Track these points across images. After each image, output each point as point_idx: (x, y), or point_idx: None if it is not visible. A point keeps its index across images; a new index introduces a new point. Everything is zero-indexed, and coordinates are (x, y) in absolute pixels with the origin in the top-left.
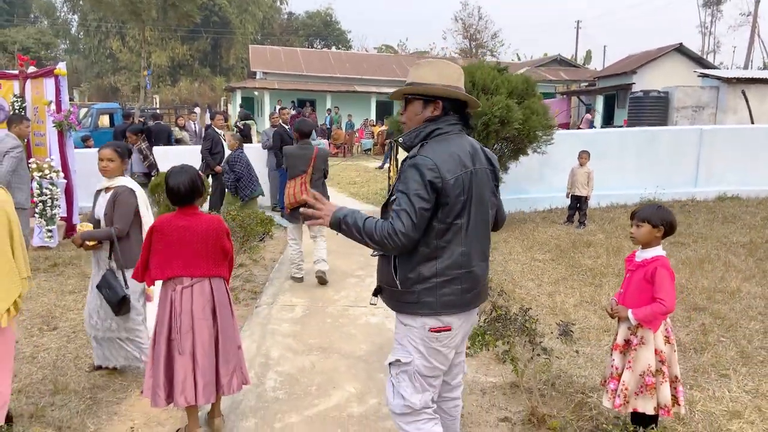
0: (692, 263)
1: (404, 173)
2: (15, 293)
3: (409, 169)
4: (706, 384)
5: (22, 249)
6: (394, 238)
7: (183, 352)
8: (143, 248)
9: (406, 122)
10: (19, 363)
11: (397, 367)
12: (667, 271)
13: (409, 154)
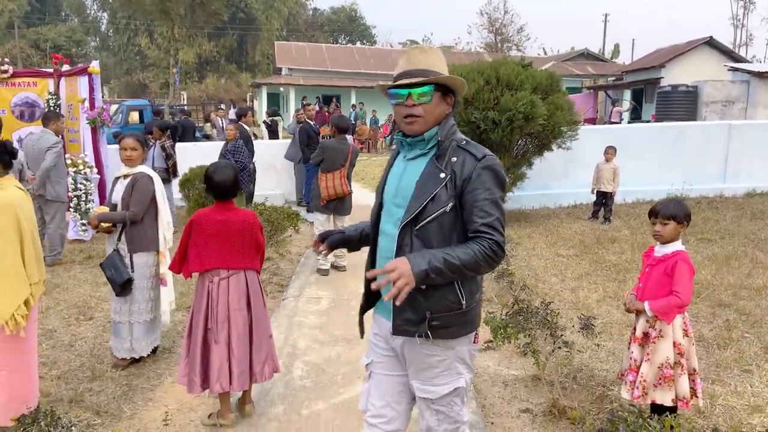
0: (719, 260)
1: (480, 177)
2: (21, 297)
3: (486, 171)
4: (729, 379)
5: (35, 252)
6: (500, 254)
7: (219, 341)
8: (182, 241)
9: (423, 115)
10: (58, 351)
11: (452, 395)
12: (687, 266)
13: (463, 155)
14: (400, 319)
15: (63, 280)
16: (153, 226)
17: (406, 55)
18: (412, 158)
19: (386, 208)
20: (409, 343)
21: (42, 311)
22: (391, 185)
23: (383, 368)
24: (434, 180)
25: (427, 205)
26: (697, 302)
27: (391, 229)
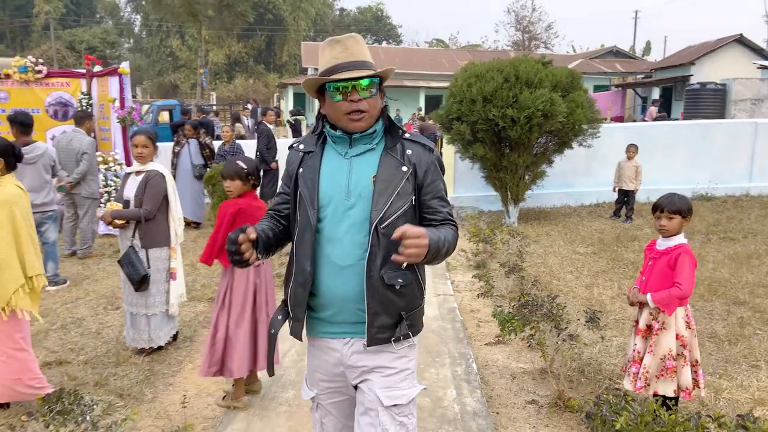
0: (739, 258)
1: (435, 168)
2: (11, 288)
3: (436, 162)
4: (736, 374)
5: (33, 246)
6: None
7: (240, 327)
8: (223, 231)
9: (368, 111)
10: (85, 338)
11: (413, 402)
12: (690, 258)
13: (417, 147)
14: (374, 327)
15: (92, 272)
16: (165, 222)
17: (340, 45)
18: (356, 155)
19: (333, 211)
20: (374, 353)
21: (72, 301)
22: (333, 186)
23: (330, 398)
24: (398, 173)
25: (394, 200)
26: (713, 300)
27: (347, 235)
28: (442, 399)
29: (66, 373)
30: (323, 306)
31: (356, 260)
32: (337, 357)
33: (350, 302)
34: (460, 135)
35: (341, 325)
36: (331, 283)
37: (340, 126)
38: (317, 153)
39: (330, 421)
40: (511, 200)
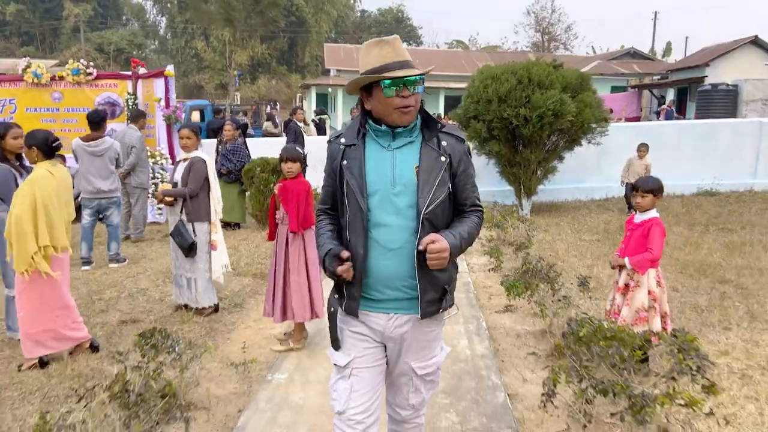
0: (734, 246)
1: (466, 157)
2: (31, 252)
3: (467, 152)
4: (708, 333)
5: (46, 220)
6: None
7: (299, 279)
8: (300, 204)
9: (415, 105)
10: (151, 304)
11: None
12: (660, 228)
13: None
14: (424, 302)
15: (147, 253)
16: (206, 200)
17: (388, 45)
18: (398, 147)
19: (380, 199)
20: (415, 327)
21: (133, 276)
22: (379, 176)
23: (366, 362)
24: (437, 164)
25: (436, 188)
26: (701, 279)
27: (394, 220)
28: (456, 346)
29: (141, 329)
30: (369, 285)
31: (403, 243)
32: (380, 330)
33: (396, 280)
34: (477, 133)
35: (386, 302)
36: (379, 264)
37: (388, 120)
38: (359, 146)
39: (361, 390)
40: (524, 194)
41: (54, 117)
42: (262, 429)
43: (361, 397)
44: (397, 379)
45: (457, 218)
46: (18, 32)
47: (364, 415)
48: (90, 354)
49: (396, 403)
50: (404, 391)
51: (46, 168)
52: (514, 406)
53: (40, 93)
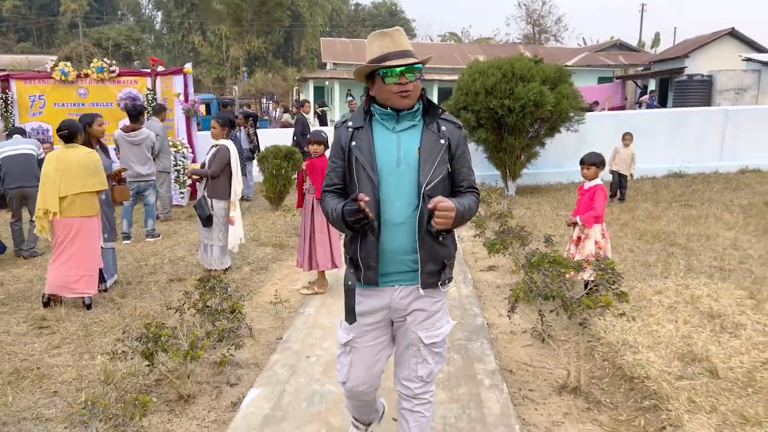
0: (690, 218)
1: (464, 142)
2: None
3: (464, 138)
4: (651, 280)
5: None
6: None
7: (323, 234)
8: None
9: (413, 91)
10: (191, 267)
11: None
12: (602, 192)
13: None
14: (425, 273)
15: (177, 230)
16: (227, 182)
17: (388, 37)
18: (402, 130)
19: (386, 176)
20: (419, 298)
21: (170, 247)
22: (386, 156)
23: (365, 341)
24: (437, 146)
25: (435, 167)
26: (655, 243)
27: (398, 196)
28: (456, 297)
29: (186, 286)
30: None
31: (406, 218)
32: (386, 302)
33: (400, 254)
34: (467, 122)
35: (391, 275)
36: (386, 238)
37: (390, 104)
38: (367, 128)
39: (359, 361)
40: (509, 177)
41: (80, 111)
42: (301, 340)
43: (359, 371)
44: (405, 352)
45: (456, 195)
46: (15, 28)
47: (364, 386)
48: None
49: (405, 377)
50: (412, 363)
51: (58, 150)
52: (489, 330)
53: (67, 89)
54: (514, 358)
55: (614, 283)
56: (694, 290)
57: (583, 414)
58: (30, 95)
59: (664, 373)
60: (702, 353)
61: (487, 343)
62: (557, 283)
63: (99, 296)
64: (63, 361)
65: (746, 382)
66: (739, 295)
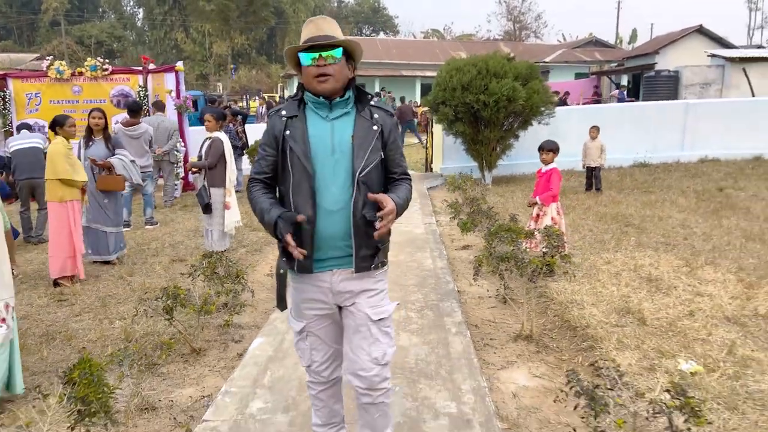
0: (648, 203)
1: (395, 129)
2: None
3: (396, 125)
4: (603, 253)
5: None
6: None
7: None
8: None
9: (333, 74)
10: (190, 249)
11: (391, 316)
12: (557, 175)
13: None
14: (359, 258)
15: (174, 218)
16: (223, 171)
17: (312, 24)
18: (336, 117)
19: (321, 164)
20: (359, 278)
21: (169, 233)
22: (319, 144)
23: (318, 324)
24: (371, 132)
25: (369, 154)
26: (612, 224)
27: (333, 184)
28: (423, 263)
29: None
30: (315, 245)
31: (343, 205)
32: (327, 286)
33: (337, 240)
34: (445, 116)
35: (328, 260)
36: (323, 224)
37: (310, 89)
38: (301, 117)
39: (318, 345)
40: (486, 167)
41: (74, 108)
42: None
43: (320, 352)
44: (354, 335)
45: (391, 185)
46: None
47: (327, 366)
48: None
49: (359, 366)
50: (365, 345)
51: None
52: (459, 296)
53: (62, 87)
54: (479, 317)
55: (558, 247)
56: (638, 260)
57: (534, 355)
58: (27, 93)
59: (602, 323)
60: (636, 308)
61: (456, 303)
62: (512, 246)
63: (108, 274)
64: (86, 326)
65: (668, 328)
66: (677, 264)
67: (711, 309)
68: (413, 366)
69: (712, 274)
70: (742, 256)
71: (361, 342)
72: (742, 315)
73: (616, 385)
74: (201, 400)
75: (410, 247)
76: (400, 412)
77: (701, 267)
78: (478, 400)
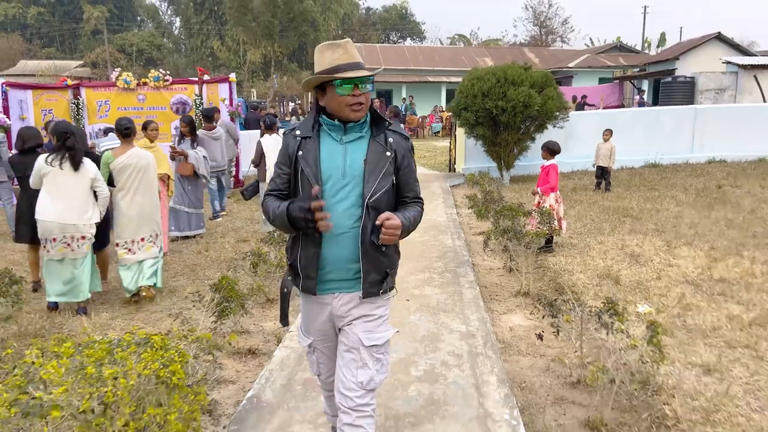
0: (650, 198)
1: (409, 153)
2: None
3: (411, 149)
4: (598, 236)
5: None
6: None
7: None
8: None
9: (366, 103)
10: (249, 234)
11: (387, 343)
12: (555, 170)
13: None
14: (367, 283)
15: (231, 210)
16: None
17: (341, 48)
18: (350, 141)
19: (330, 188)
20: (360, 304)
21: (230, 221)
22: (331, 166)
23: (323, 341)
24: (383, 158)
25: (380, 180)
26: (613, 215)
27: (342, 207)
28: (444, 242)
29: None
30: (320, 266)
31: (348, 228)
32: (329, 309)
33: (342, 263)
34: (467, 120)
35: (332, 282)
36: (329, 247)
37: (341, 116)
38: (315, 138)
39: (324, 360)
40: (504, 167)
41: (139, 114)
42: None
43: (326, 366)
44: (345, 356)
45: (401, 207)
46: (39, 34)
47: (332, 380)
48: None
49: (345, 385)
50: (352, 367)
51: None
52: (473, 267)
53: (128, 95)
54: (488, 281)
55: (551, 225)
56: (627, 242)
57: (529, 306)
58: (97, 101)
59: (585, 284)
60: (615, 274)
61: (470, 269)
62: (513, 222)
63: (189, 250)
64: (183, 284)
65: (636, 286)
66: (659, 245)
67: (675, 275)
68: (435, 306)
69: (686, 252)
70: (717, 239)
71: (350, 363)
72: (700, 279)
73: (571, 301)
74: (279, 331)
75: (434, 231)
76: (426, 330)
77: (679, 247)
78: (481, 324)
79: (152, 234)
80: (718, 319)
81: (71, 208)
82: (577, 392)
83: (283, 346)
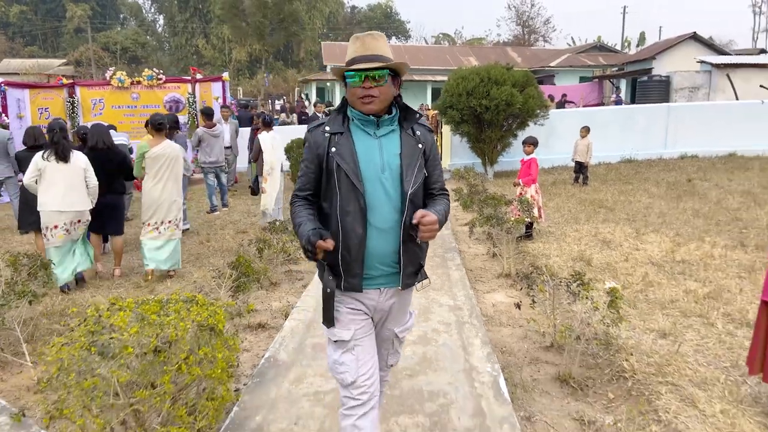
0: (625, 191)
1: (435, 146)
2: None
3: (435, 142)
4: (574, 225)
5: None
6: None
7: None
8: None
9: (379, 96)
10: (247, 225)
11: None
12: (535, 163)
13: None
14: (405, 275)
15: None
16: (262, 163)
17: (359, 41)
18: (383, 135)
19: (371, 183)
20: (399, 297)
21: (227, 214)
22: (369, 162)
23: (364, 332)
24: (416, 151)
25: (416, 173)
26: (589, 207)
27: (384, 202)
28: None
29: (250, 236)
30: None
31: (392, 223)
32: (373, 304)
33: (387, 257)
34: (452, 118)
35: (377, 278)
36: (374, 243)
37: (355, 108)
38: (347, 133)
39: (365, 357)
40: (488, 163)
41: (133, 112)
42: None
43: (366, 365)
44: (378, 345)
45: (430, 200)
46: (21, 33)
47: (371, 378)
48: None
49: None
50: (384, 355)
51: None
52: (460, 252)
53: (122, 94)
54: (474, 265)
55: (528, 210)
56: (600, 230)
57: (510, 285)
58: (92, 99)
59: (561, 266)
60: (587, 257)
61: (457, 254)
62: (496, 210)
63: (191, 241)
64: (189, 270)
65: (605, 267)
66: (629, 232)
67: (642, 257)
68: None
69: (653, 238)
70: (683, 227)
71: (383, 352)
72: (663, 260)
73: (545, 275)
74: (285, 308)
75: None
76: (418, 304)
77: (647, 233)
78: (467, 300)
79: (177, 218)
80: (677, 293)
81: (74, 195)
82: (550, 354)
83: (292, 318)
